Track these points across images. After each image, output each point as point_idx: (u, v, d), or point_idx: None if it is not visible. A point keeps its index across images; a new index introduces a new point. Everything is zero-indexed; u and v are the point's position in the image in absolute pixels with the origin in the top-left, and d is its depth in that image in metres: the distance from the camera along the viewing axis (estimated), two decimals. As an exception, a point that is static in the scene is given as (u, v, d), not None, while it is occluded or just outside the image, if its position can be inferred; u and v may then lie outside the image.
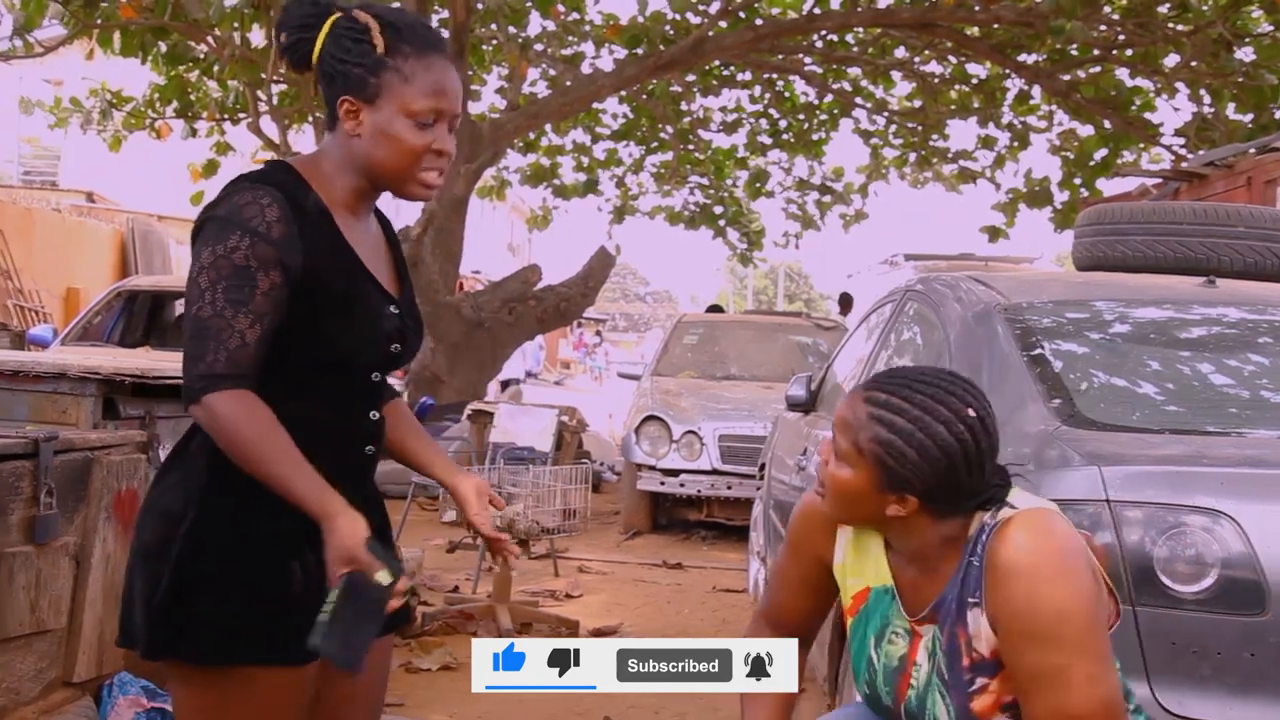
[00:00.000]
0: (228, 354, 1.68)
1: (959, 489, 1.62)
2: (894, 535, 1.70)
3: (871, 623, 1.75)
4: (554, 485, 5.52)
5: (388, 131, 1.77)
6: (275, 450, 1.68)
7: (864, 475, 1.63)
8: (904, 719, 1.72)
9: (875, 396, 1.65)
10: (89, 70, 10.76)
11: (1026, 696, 1.59)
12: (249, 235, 1.69)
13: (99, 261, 15.34)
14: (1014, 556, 1.58)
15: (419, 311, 1.99)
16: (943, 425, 1.60)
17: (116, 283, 9.45)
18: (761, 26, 10.08)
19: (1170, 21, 9.44)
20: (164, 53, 9.29)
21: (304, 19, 1.83)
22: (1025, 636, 1.57)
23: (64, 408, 3.13)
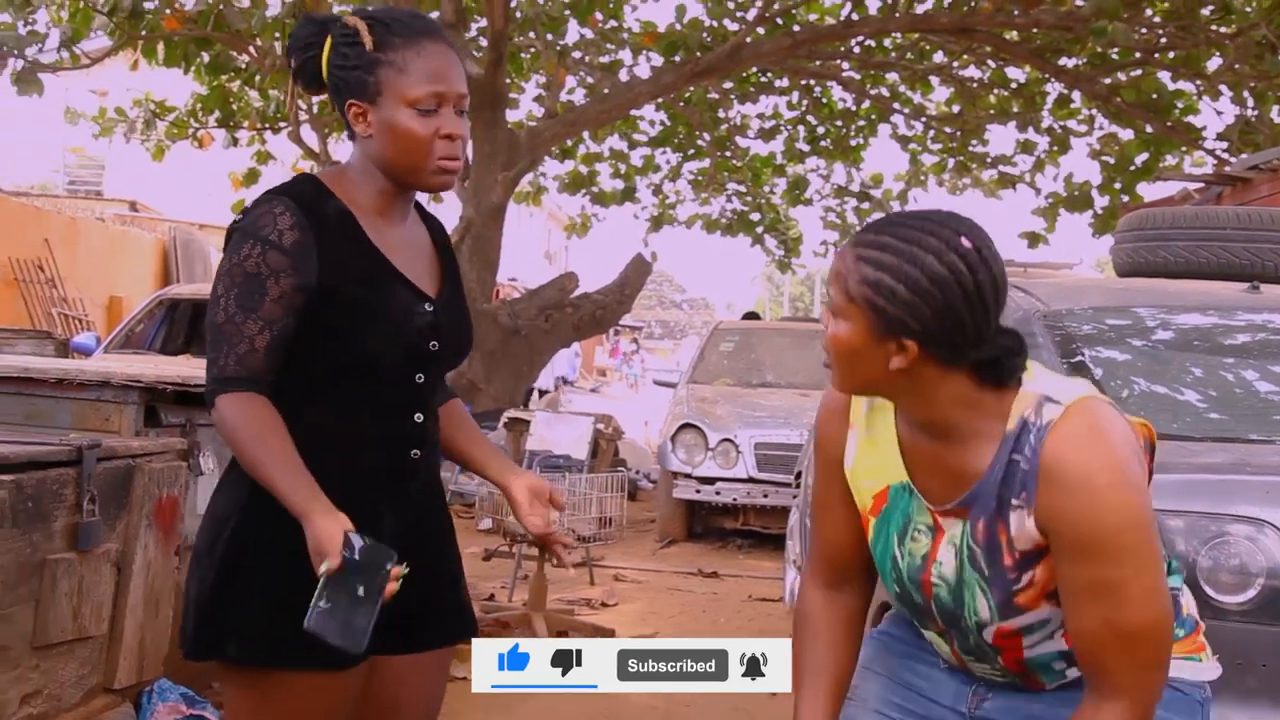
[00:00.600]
0: (237, 358, 1.73)
1: (961, 329, 1.47)
2: (906, 400, 1.57)
3: (894, 520, 1.64)
4: (590, 493, 5.52)
5: (393, 125, 1.79)
6: (268, 452, 1.71)
7: (859, 324, 1.50)
8: (936, 615, 1.64)
9: (863, 238, 1.53)
10: (133, 81, 10.92)
11: (1075, 604, 1.50)
12: (261, 244, 1.74)
13: (141, 270, 15.54)
14: (1075, 464, 1.46)
15: (467, 312, 1.99)
16: (932, 255, 1.46)
17: (158, 291, 9.56)
18: (799, 33, 10.06)
19: (1213, 24, 9.32)
20: (206, 63, 9.39)
21: (308, 38, 1.87)
22: (1082, 549, 1.47)
23: (107, 415, 3.16)
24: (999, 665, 1.65)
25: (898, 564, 1.64)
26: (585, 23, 10.82)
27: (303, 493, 1.70)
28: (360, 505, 1.81)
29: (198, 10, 8.44)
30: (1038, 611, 1.56)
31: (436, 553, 1.96)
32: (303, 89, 1.93)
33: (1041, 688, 1.66)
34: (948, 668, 1.75)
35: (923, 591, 1.63)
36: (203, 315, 8.14)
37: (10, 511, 2.45)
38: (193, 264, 15.84)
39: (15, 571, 2.48)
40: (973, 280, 1.47)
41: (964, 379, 1.53)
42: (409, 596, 1.90)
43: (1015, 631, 1.58)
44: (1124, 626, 1.47)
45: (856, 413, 1.70)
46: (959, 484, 1.57)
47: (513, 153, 9.51)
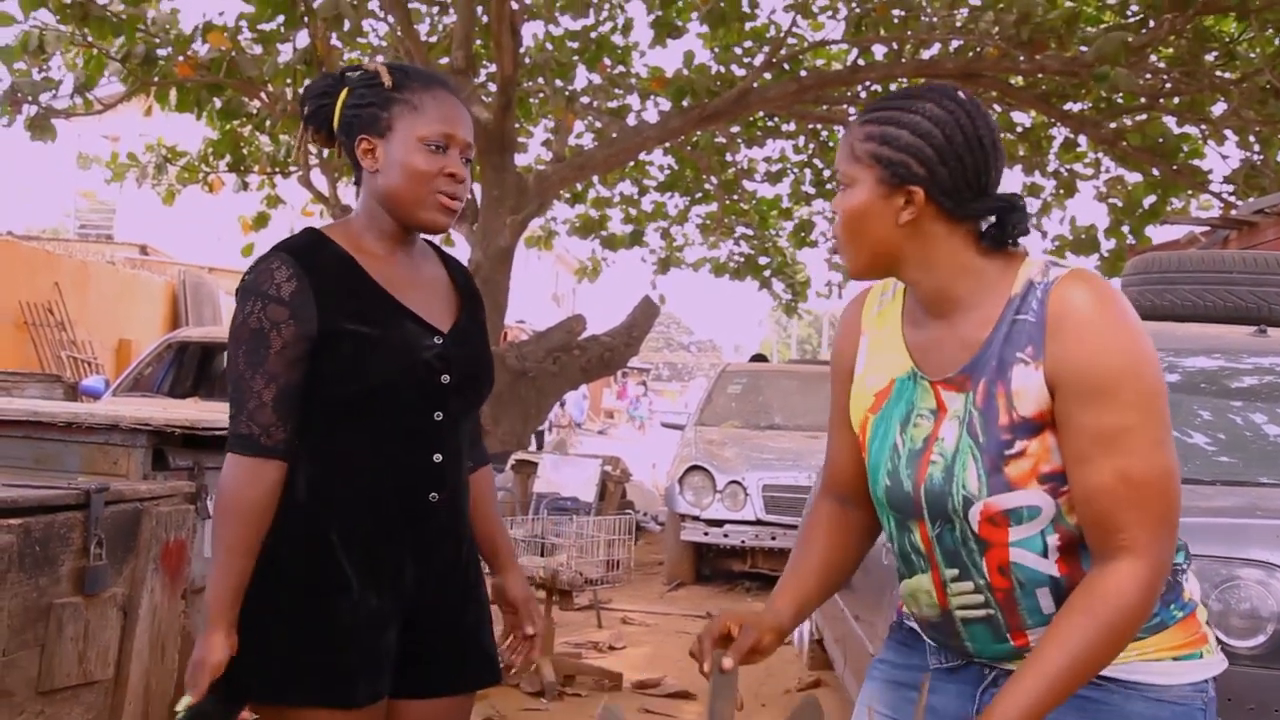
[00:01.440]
0: (248, 414, 1.81)
1: (963, 173, 1.52)
2: (912, 270, 1.58)
3: (896, 412, 1.63)
4: (597, 536, 5.51)
5: (402, 158, 1.85)
6: (230, 537, 1.80)
7: (866, 183, 1.55)
8: (924, 504, 1.59)
9: (864, 113, 1.60)
10: (145, 126, 11.02)
11: (1084, 462, 1.47)
12: (261, 299, 1.81)
13: (151, 313, 15.62)
14: (1083, 306, 1.47)
15: (485, 347, 2.02)
16: (930, 103, 1.53)
17: (167, 334, 9.60)
18: (805, 78, 10.13)
19: (1217, 69, 9.38)
20: (218, 109, 9.48)
21: (324, 89, 1.95)
22: (1093, 392, 1.45)
23: (115, 459, 3.17)
24: (983, 582, 1.57)
25: (897, 451, 1.62)
26: (593, 68, 10.92)
27: (224, 602, 1.78)
28: (381, 550, 1.84)
29: (210, 57, 8.53)
30: (1027, 492, 1.51)
31: (460, 598, 1.98)
32: (312, 136, 1.97)
33: (1025, 640, 1.57)
34: (948, 668, 1.68)
35: (916, 476, 1.59)
36: (211, 358, 8.23)
37: (17, 556, 2.45)
38: (202, 307, 15.91)
39: (21, 616, 2.48)
40: (971, 125, 1.52)
41: (968, 241, 1.56)
42: (431, 639, 1.92)
43: (1003, 514, 1.52)
44: (1136, 476, 1.45)
45: (868, 317, 1.73)
46: (963, 354, 1.57)
47: (521, 196, 9.56)
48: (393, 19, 9.17)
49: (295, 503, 1.83)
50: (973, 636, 1.61)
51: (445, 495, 1.91)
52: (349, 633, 1.82)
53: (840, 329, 1.80)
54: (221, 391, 7.76)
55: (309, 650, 1.81)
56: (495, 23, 8.64)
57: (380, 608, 1.85)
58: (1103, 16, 9.38)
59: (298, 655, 1.80)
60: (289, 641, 1.80)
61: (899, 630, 1.80)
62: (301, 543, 1.82)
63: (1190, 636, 1.56)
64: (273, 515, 1.81)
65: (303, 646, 1.80)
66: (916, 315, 1.65)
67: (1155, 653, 1.54)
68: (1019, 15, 8.20)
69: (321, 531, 1.83)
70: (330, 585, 1.82)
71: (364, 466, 1.85)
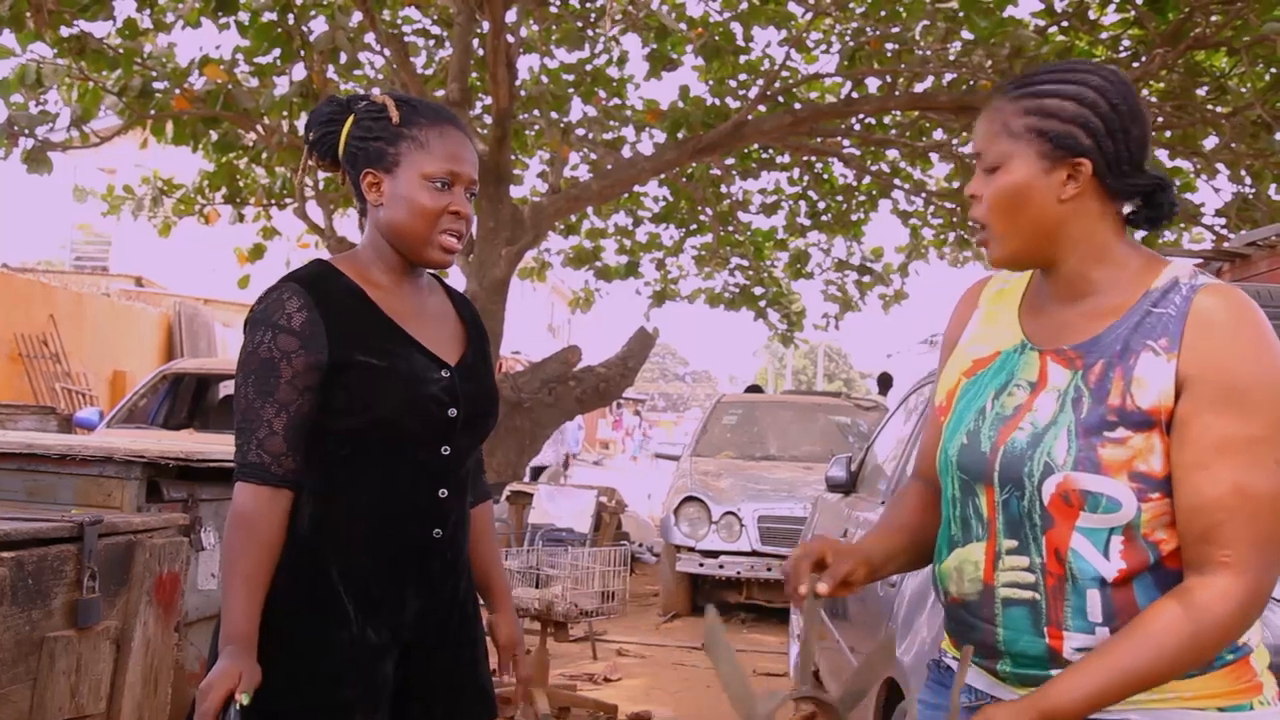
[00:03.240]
0: (258, 443, 1.80)
1: (1127, 143, 1.48)
2: (1062, 250, 1.52)
3: (995, 379, 1.57)
4: (592, 567, 5.49)
5: (407, 195, 1.86)
6: (247, 565, 1.77)
7: (1026, 158, 1.49)
8: (996, 467, 1.51)
9: (1010, 91, 1.54)
10: (141, 158, 11.06)
11: (1201, 469, 1.39)
12: (271, 329, 1.81)
13: (146, 344, 15.61)
14: (1231, 311, 1.41)
15: (492, 382, 2.03)
16: (1090, 73, 1.50)
17: (162, 366, 9.59)
18: (800, 110, 10.19)
19: (1209, 104, 9.45)
20: (215, 141, 9.51)
21: (330, 115, 1.96)
22: (1227, 396, 1.39)
23: (109, 491, 3.16)
24: (1039, 561, 1.48)
25: (983, 414, 1.55)
26: (589, 101, 10.99)
27: (243, 622, 1.75)
28: (382, 585, 1.84)
29: (206, 90, 8.57)
30: (1114, 482, 1.43)
31: (458, 633, 1.98)
32: (315, 163, 1.98)
33: (1060, 641, 1.47)
34: (969, 707, 1.59)
35: (997, 439, 1.52)
36: (206, 390, 8.20)
37: (10, 589, 2.44)
38: (197, 339, 15.91)
39: (14, 650, 2.46)
40: (1133, 96, 1.49)
41: (1116, 226, 1.52)
42: (428, 674, 1.91)
43: (1079, 495, 1.44)
44: (1253, 491, 1.38)
45: (986, 295, 1.70)
46: (1083, 332, 1.52)
47: (516, 228, 9.59)
48: (389, 52, 9.22)
49: (297, 534, 1.82)
50: (1008, 622, 1.51)
51: (449, 531, 1.91)
52: (347, 666, 1.81)
53: (956, 308, 1.76)
54: (217, 423, 7.76)
55: (306, 683, 1.80)
56: (491, 56, 8.69)
57: (378, 641, 1.85)
58: (1095, 51, 9.45)
59: (295, 688, 1.79)
60: (286, 673, 1.78)
61: (936, 669, 1.74)
62: (302, 575, 1.82)
63: (1240, 684, 1.45)
64: (282, 544, 1.81)
65: (300, 679, 1.80)
66: (1040, 298, 1.60)
67: (1197, 699, 1.43)
68: (1012, 49, 8.27)
69: (322, 564, 1.83)
70: (329, 618, 1.82)
71: (369, 500, 1.85)
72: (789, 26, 10.16)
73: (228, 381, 8.56)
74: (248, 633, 1.75)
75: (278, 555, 1.80)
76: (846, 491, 5.10)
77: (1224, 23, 8.22)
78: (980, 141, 1.55)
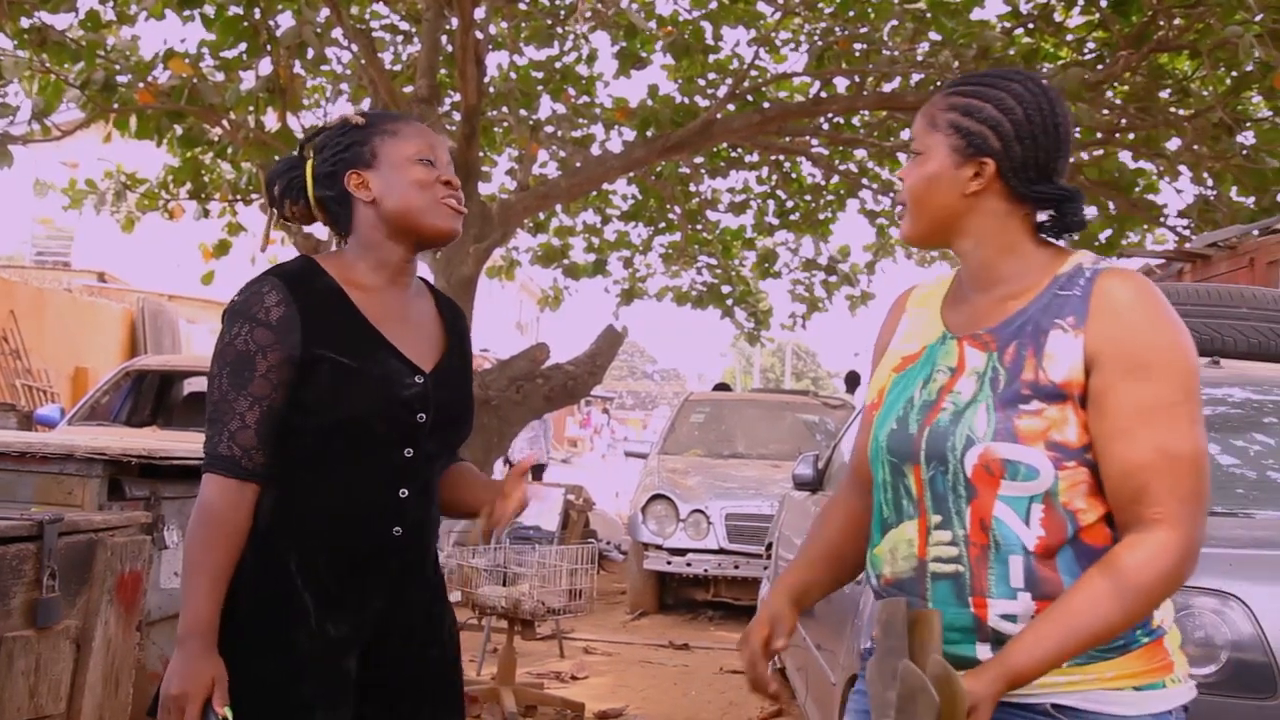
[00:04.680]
0: (230, 435, 1.80)
1: (1035, 153, 1.59)
2: (967, 240, 1.65)
3: (923, 370, 1.67)
4: (560, 565, 5.49)
5: (398, 175, 1.89)
6: (212, 560, 1.77)
7: (941, 149, 1.63)
8: (923, 446, 1.60)
9: (949, 88, 1.67)
10: (104, 152, 10.93)
11: (1123, 436, 1.49)
12: (249, 322, 1.81)
13: (108, 341, 15.44)
14: (1131, 290, 1.53)
15: (468, 390, 2.03)
16: (1016, 83, 1.62)
17: (125, 362, 9.49)
18: (769, 110, 10.22)
19: (1172, 106, 9.55)
20: (179, 135, 9.42)
21: (289, 165, 1.98)
22: (1138, 366, 1.49)
23: (69, 489, 3.13)
24: (962, 534, 1.56)
25: (911, 402, 1.64)
26: (558, 98, 10.96)
27: (205, 616, 1.75)
28: (341, 581, 1.83)
29: (171, 84, 8.49)
30: (1031, 450, 1.51)
31: (424, 633, 1.96)
32: (289, 211, 1.99)
33: (985, 609, 1.53)
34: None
35: (924, 421, 1.61)
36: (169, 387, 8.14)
37: (-32, 587, 2.41)
38: (161, 335, 15.75)
39: (-29, 648, 2.43)
40: (1051, 110, 1.60)
41: (1023, 226, 1.64)
42: (392, 674, 1.90)
43: (1000, 464, 1.52)
44: (1174, 450, 1.48)
45: (912, 299, 1.81)
46: (995, 317, 1.62)
47: (485, 225, 9.56)
48: (356, 47, 9.16)
49: (256, 529, 1.81)
50: (937, 596, 1.58)
51: (409, 530, 1.90)
52: (306, 662, 1.80)
53: (886, 317, 1.86)
54: (180, 421, 7.68)
55: (265, 679, 1.79)
56: (459, 52, 8.66)
57: (338, 636, 1.84)
58: (1060, 53, 9.54)
59: (253, 684, 1.77)
60: (244, 670, 1.77)
61: (869, 657, 1.78)
62: (260, 570, 1.81)
63: (1153, 664, 1.54)
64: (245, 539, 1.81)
65: (259, 675, 1.78)
66: (960, 293, 1.71)
67: (1116, 679, 1.51)
68: (978, 50, 8.33)
69: (281, 559, 1.82)
70: (288, 614, 1.81)
71: (327, 496, 1.84)
72: (758, 26, 10.19)
73: (192, 379, 8.48)
74: (210, 628, 1.74)
75: (241, 550, 1.79)
76: (813, 489, 5.12)
77: (1186, 26, 8.32)
78: (914, 129, 1.70)
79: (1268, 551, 2.58)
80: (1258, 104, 9.62)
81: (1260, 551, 2.56)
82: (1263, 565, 2.48)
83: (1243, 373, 3.43)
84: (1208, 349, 3.63)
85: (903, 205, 1.69)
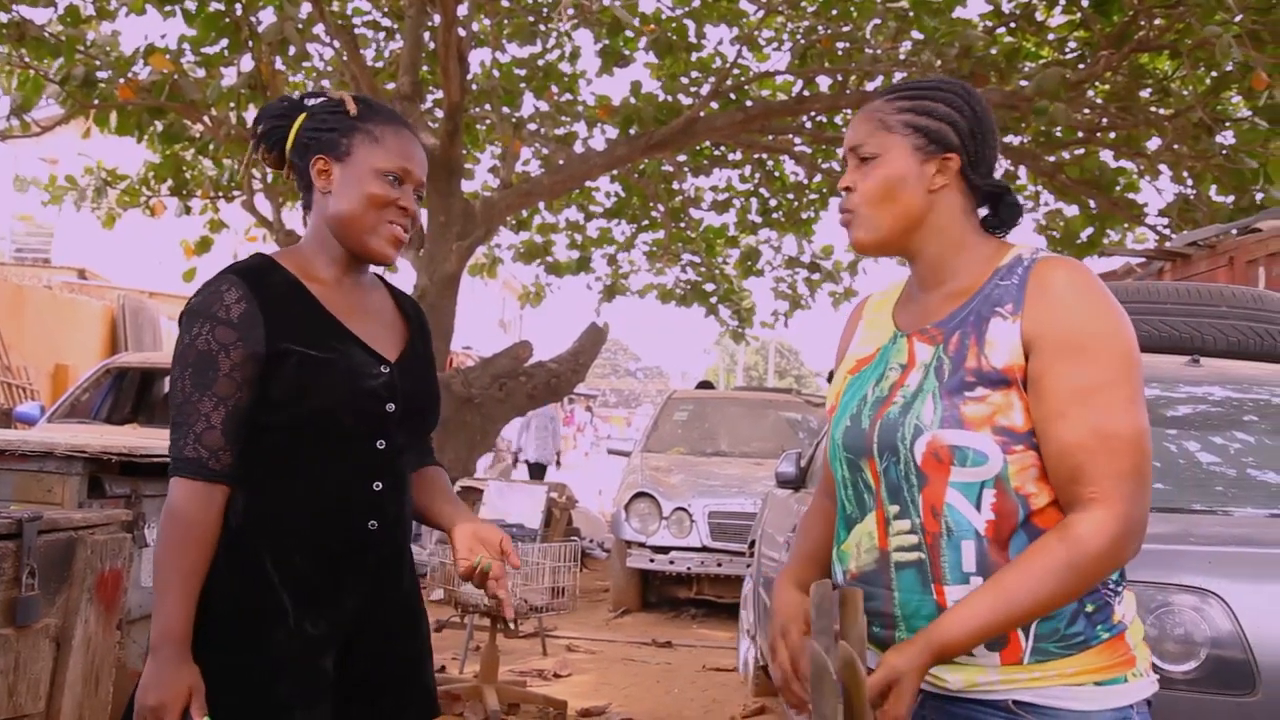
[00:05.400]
0: (195, 437, 1.77)
1: (988, 143, 1.66)
2: (923, 238, 1.68)
3: (876, 370, 1.69)
4: (543, 563, 5.48)
5: (357, 184, 1.87)
6: (184, 564, 1.75)
7: (900, 151, 1.65)
8: (875, 438, 1.62)
9: (884, 96, 1.70)
10: (85, 148, 10.88)
11: (1059, 418, 1.51)
12: (209, 321, 1.79)
13: (89, 338, 15.34)
14: (1066, 275, 1.56)
15: (433, 378, 2.01)
16: (949, 86, 1.68)
17: (105, 360, 9.44)
18: (752, 108, 10.24)
19: (1152, 105, 9.61)
20: (160, 132, 9.38)
21: (283, 111, 1.96)
22: (1072, 349, 1.52)
23: (49, 487, 3.11)
24: (918, 522, 1.57)
25: (865, 400, 1.67)
26: (541, 96, 10.95)
27: (180, 623, 1.73)
28: (318, 578, 1.82)
29: (152, 80, 8.45)
30: (979, 435, 1.54)
31: (401, 629, 1.95)
32: (262, 155, 1.97)
33: (944, 596, 1.55)
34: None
35: (875, 415, 1.63)
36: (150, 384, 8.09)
37: (-53, 585, 2.39)
38: (142, 332, 15.67)
39: (-50, 647, 2.42)
40: (986, 112, 1.68)
41: (973, 221, 1.69)
42: (370, 671, 1.89)
43: (948, 450, 1.54)
44: (1109, 430, 1.50)
45: (868, 307, 1.84)
46: (942, 312, 1.65)
47: (468, 222, 9.55)
48: (338, 44, 9.14)
49: (229, 528, 1.79)
50: (901, 584, 1.59)
51: (385, 524, 1.88)
52: (284, 662, 1.79)
53: (845, 327, 1.89)
54: (161, 418, 7.64)
55: (242, 680, 1.77)
56: (442, 49, 8.64)
57: (316, 634, 1.82)
58: (1042, 52, 9.58)
59: (230, 686, 1.75)
60: (221, 671, 1.75)
61: None
62: (235, 570, 1.79)
63: (1114, 659, 1.54)
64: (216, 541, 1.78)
65: (236, 676, 1.77)
66: (910, 294, 1.74)
67: (1077, 675, 1.52)
68: (960, 49, 8.36)
69: (256, 557, 1.80)
70: (265, 613, 1.79)
71: (301, 493, 1.83)
72: (741, 24, 10.21)
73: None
74: (184, 635, 1.72)
75: (212, 552, 1.77)
76: (796, 487, 5.12)
77: (1167, 26, 8.37)
78: (857, 135, 1.69)
79: (1247, 549, 2.60)
80: (1237, 104, 9.69)
81: (1239, 549, 2.58)
82: (1242, 563, 2.50)
83: (1222, 371, 3.45)
84: (1187, 347, 3.65)
85: (849, 213, 1.69)
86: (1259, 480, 3.06)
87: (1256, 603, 2.34)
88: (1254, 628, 2.30)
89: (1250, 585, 2.39)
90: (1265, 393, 3.36)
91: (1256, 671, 2.27)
